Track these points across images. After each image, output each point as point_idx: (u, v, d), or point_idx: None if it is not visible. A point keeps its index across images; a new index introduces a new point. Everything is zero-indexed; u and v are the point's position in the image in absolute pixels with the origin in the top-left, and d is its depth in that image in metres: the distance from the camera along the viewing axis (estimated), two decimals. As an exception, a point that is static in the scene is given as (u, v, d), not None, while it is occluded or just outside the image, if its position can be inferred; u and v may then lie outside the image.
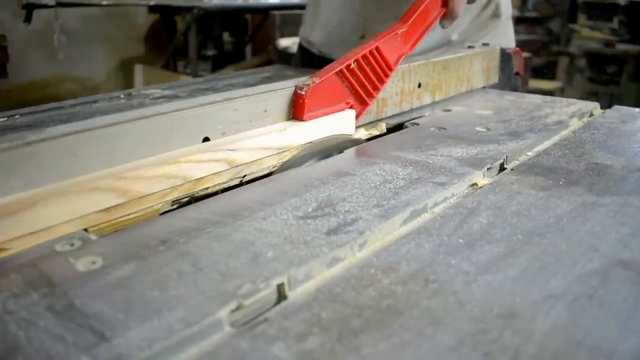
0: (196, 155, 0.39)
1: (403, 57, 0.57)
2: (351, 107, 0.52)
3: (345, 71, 0.51)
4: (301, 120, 0.48)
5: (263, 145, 0.44)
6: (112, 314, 0.25)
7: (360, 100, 0.53)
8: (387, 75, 0.55)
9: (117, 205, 0.35)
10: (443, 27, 0.63)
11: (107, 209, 0.35)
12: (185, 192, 0.39)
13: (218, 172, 0.41)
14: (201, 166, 0.40)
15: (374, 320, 0.25)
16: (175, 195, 0.38)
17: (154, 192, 0.37)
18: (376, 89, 0.54)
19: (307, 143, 0.48)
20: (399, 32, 0.56)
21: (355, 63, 0.51)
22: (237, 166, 0.42)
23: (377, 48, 0.53)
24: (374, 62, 0.53)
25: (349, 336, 0.24)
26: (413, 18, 0.57)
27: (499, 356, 0.23)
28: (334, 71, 0.50)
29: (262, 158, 0.44)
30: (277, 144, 0.45)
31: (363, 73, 0.52)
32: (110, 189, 0.35)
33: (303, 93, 0.47)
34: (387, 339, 0.24)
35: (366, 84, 0.53)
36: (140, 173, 0.36)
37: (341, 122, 0.51)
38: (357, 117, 0.53)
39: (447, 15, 0.61)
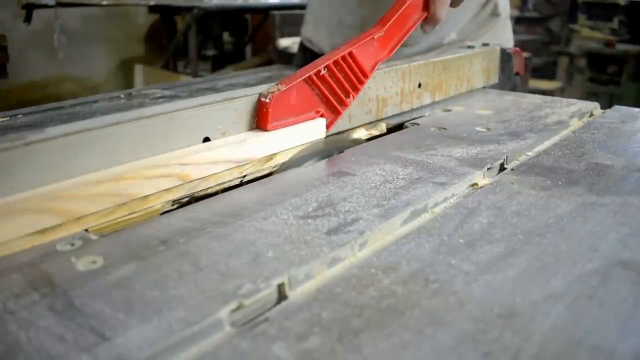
0: (145, 170, 0.36)
1: (380, 63, 0.53)
2: (322, 116, 0.49)
3: (315, 78, 0.47)
4: (265, 130, 0.44)
5: (221, 159, 0.41)
6: (113, 313, 0.25)
7: (332, 109, 0.50)
8: (361, 83, 0.51)
9: (53, 226, 0.32)
10: (424, 32, 0.59)
11: (41, 231, 0.32)
12: (129, 210, 0.36)
13: (169, 189, 0.38)
14: (149, 183, 0.37)
15: (374, 320, 0.25)
16: (119, 214, 0.35)
17: (93, 212, 0.34)
18: (349, 96, 0.50)
19: (271, 155, 0.45)
20: (375, 37, 0.52)
21: (326, 69, 0.48)
22: (191, 181, 0.39)
23: (350, 53, 0.49)
24: (347, 69, 0.49)
25: (349, 336, 0.24)
26: (391, 22, 0.53)
27: (499, 356, 0.23)
28: (302, 77, 0.46)
29: (220, 172, 0.41)
30: (236, 157, 0.42)
31: (335, 80, 0.49)
32: (43, 210, 0.32)
33: (267, 101, 0.44)
34: (387, 338, 0.24)
35: (338, 91, 0.49)
36: (77, 192, 0.33)
37: (310, 132, 0.48)
38: (328, 126, 0.50)
39: (429, 19, 0.57)
